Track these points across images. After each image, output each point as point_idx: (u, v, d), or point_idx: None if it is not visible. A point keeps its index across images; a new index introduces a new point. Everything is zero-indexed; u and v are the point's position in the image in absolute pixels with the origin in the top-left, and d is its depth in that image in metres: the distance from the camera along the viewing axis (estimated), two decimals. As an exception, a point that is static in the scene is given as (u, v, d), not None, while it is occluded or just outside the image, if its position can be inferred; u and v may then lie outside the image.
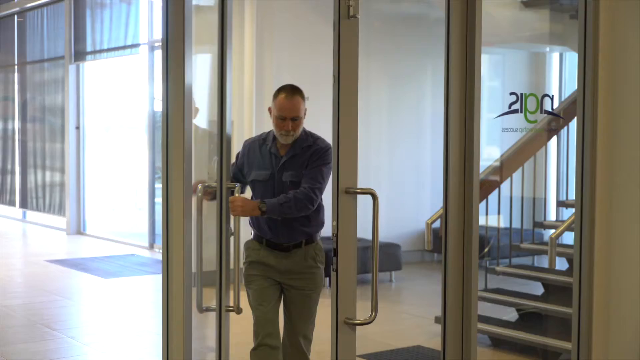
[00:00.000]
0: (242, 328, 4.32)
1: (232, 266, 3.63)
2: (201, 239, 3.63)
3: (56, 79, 13.53)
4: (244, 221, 4.07)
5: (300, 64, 8.91)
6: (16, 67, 14.87)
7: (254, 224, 4.19)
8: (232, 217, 3.73)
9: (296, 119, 4.04)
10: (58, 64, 13.39)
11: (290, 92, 4.05)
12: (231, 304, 3.59)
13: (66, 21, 12.82)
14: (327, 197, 3.35)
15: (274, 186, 4.09)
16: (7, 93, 15.28)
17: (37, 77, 14.36)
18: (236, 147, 4.41)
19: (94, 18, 12.52)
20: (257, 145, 4.21)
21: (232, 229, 3.71)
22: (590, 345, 3.42)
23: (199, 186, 3.73)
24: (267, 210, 3.96)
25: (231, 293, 3.60)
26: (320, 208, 4.15)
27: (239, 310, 3.61)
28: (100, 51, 12.49)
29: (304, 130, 4.14)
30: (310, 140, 4.12)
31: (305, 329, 4.20)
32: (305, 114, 4.10)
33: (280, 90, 4.08)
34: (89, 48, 12.67)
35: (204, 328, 4.33)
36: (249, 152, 4.23)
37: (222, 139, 3.54)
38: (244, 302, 3.68)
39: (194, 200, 3.72)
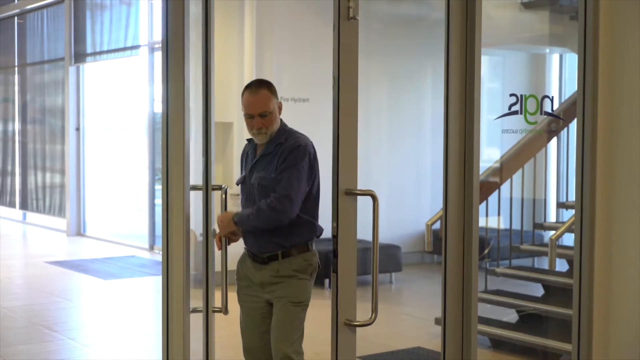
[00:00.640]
0: (231, 331, 4.30)
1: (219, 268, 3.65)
2: (188, 241, 3.63)
3: (56, 80, 13.53)
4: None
5: (300, 65, 8.91)
6: (16, 68, 14.87)
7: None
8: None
9: (265, 115, 3.73)
10: (58, 65, 13.39)
11: (256, 87, 3.78)
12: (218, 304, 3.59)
13: (66, 23, 12.82)
14: (326, 199, 3.34)
15: (247, 190, 3.86)
16: (7, 94, 15.29)
17: (37, 78, 14.36)
18: (237, 147, 4.41)
19: (94, 20, 12.52)
20: (246, 148, 4.03)
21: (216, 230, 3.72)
22: (590, 347, 3.42)
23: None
24: (238, 222, 3.75)
25: (218, 294, 3.60)
26: (299, 218, 3.75)
27: (226, 311, 3.59)
28: (100, 53, 12.49)
29: (282, 127, 3.83)
30: (283, 138, 3.77)
31: (283, 346, 3.74)
32: (280, 108, 3.81)
33: (246, 87, 3.81)
34: (89, 50, 12.67)
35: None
36: (241, 156, 4.11)
37: (208, 140, 3.55)
38: (232, 303, 3.66)
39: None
